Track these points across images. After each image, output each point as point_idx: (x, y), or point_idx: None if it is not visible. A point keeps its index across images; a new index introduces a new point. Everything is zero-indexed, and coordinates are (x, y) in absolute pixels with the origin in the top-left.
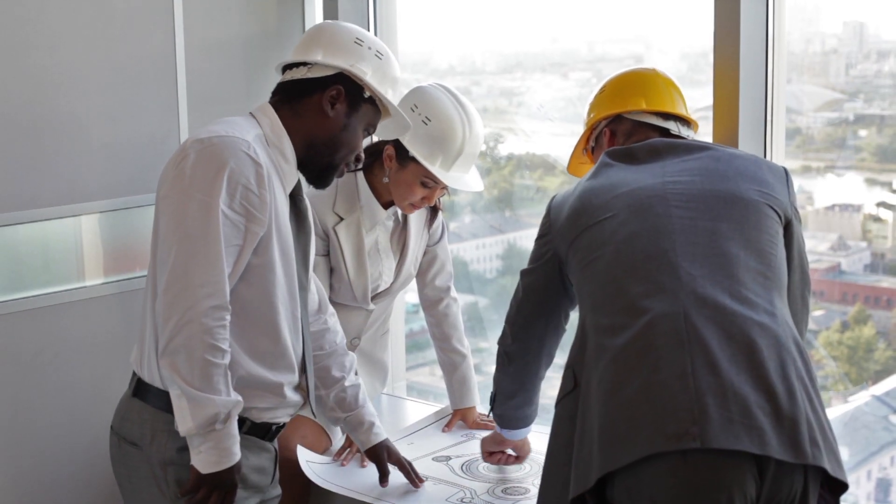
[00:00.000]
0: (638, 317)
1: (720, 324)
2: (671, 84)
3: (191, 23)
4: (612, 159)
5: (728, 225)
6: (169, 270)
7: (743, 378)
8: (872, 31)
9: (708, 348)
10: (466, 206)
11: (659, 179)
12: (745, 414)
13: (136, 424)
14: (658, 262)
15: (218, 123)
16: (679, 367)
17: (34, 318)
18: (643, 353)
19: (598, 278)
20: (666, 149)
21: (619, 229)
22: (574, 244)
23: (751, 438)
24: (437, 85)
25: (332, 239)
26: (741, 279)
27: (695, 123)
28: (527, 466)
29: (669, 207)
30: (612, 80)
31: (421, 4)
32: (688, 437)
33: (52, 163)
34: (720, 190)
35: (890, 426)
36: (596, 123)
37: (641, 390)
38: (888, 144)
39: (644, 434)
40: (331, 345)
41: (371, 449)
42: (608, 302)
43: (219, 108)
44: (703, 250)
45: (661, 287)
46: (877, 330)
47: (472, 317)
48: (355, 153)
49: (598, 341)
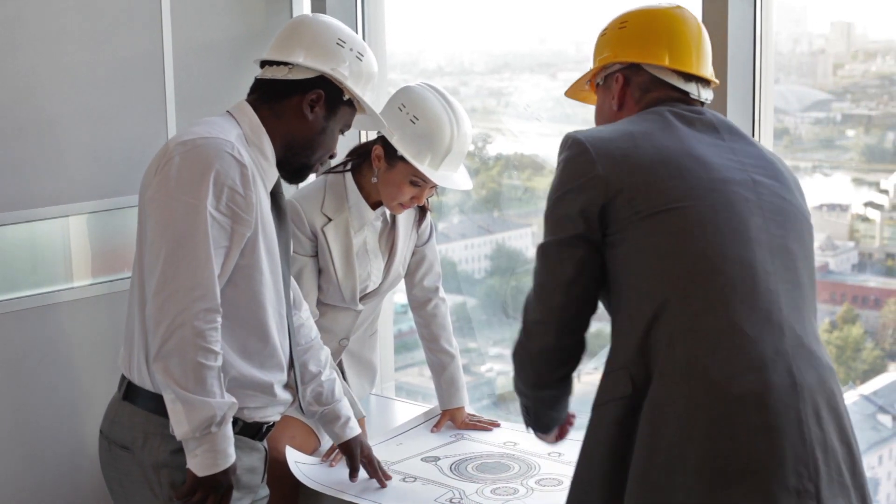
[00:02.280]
0: (746, 344)
1: (814, 368)
2: (699, 32)
3: (178, 23)
4: (676, 119)
5: (800, 248)
6: (158, 274)
7: (832, 430)
8: (860, 31)
9: (814, 397)
10: (455, 207)
11: (743, 175)
12: (839, 471)
13: (127, 428)
14: (759, 284)
15: (199, 125)
16: (795, 414)
17: (22, 318)
18: (760, 393)
19: (683, 275)
20: (721, 126)
21: (717, 227)
22: (655, 218)
23: (844, 496)
24: (425, 84)
25: (321, 240)
26: (811, 312)
27: (715, 83)
28: (515, 467)
29: (767, 221)
30: (637, 18)
31: (409, 5)
32: (806, 495)
33: (40, 163)
34: (792, 203)
35: (878, 425)
36: (609, 64)
37: (757, 432)
38: (876, 144)
39: (763, 484)
40: (307, 340)
41: (344, 444)
42: (699, 309)
43: (207, 109)
44: (790, 276)
45: (767, 317)
46: (865, 329)
47: (461, 317)
48: (330, 153)
49: (686, 351)
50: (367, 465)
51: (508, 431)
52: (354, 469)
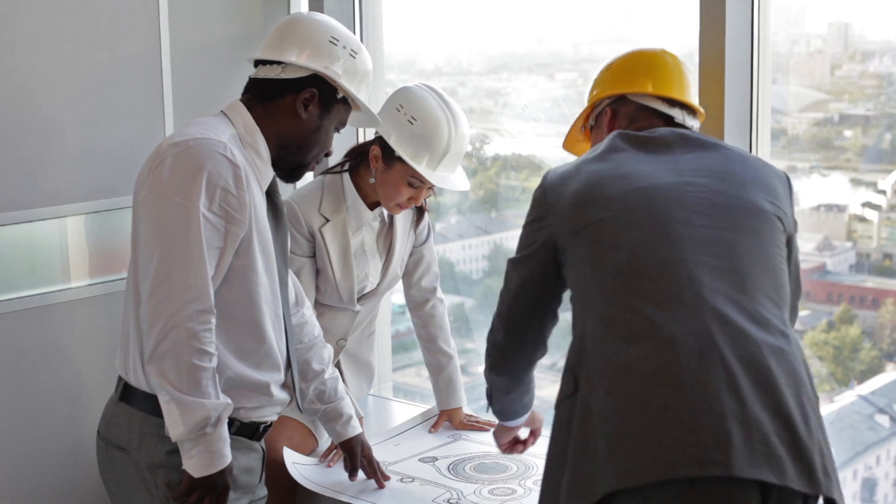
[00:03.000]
0: (657, 328)
1: (741, 346)
2: (681, 68)
3: (176, 23)
4: (624, 143)
5: (746, 238)
6: (152, 276)
7: (761, 404)
8: (857, 31)
9: (730, 371)
10: (452, 207)
11: (675, 178)
12: (765, 442)
13: (124, 429)
14: (677, 273)
15: (192, 125)
16: (701, 388)
17: (20, 319)
18: (664, 368)
19: (608, 280)
20: (677, 141)
21: (634, 230)
22: (580, 236)
23: (771, 468)
24: (423, 85)
25: (318, 240)
26: (757, 298)
27: (701, 113)
28: (513, 467)
29: (690, 214)
30: (621, 58)
31: (407, 5)
32: (710, 464)
33: (37, 164)
34: (738, 197)
35: (875, 426)
36: (598, 101)
37: (660, 407)
38: (873, 145)
39: (663, 455)
40: (310, 338)
41: (346, 442)
42: (619, 307)
43: (204, 109)
44: (723, 264)
45: (682, 301)
46: (862, 330)
47: (459, 318)
48: (326, 151)
49: (607, 347)
50: (367, 465)
51: None
52: (354, 468)
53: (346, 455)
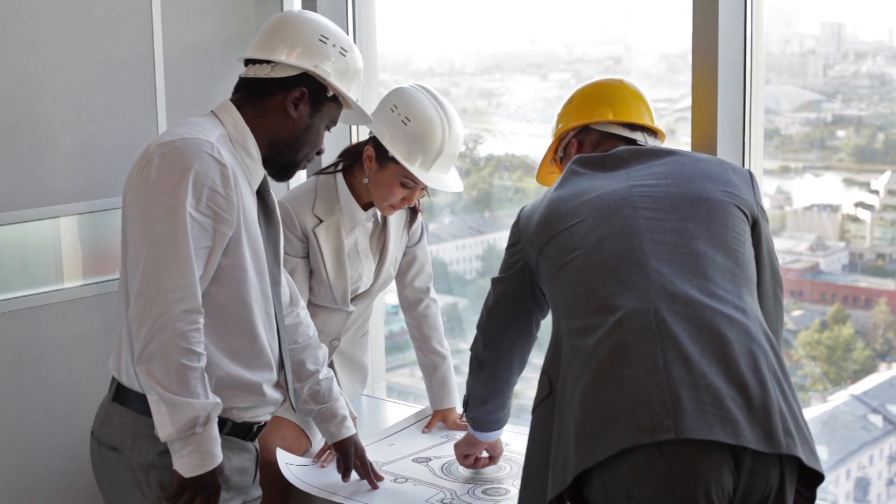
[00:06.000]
0: (608, 315)
1: (690, 318)
2: (638, 95)
3: (169, 24)
4: (580, 167)
5: (695, 224)
6: (140, 276)
7: (714, 370)
8: (850, 31)
9: (679, 342)
10: (446, 208)
11: (625, 184)
12: (718, 405)
13: (117, 429)
14: (627, 262)
15: (181, 125)
16: (650, 361)
17: (12, 320)
18: (615, 350)
19: (570, 283)
20: (632, 156)
21: (588, 234)
22: (544, 251)
23: (724, 429)
24: (417, 86)
25: (312, 241)
26: (710, 276)
27: (661, 134)
28: (507, 467)
29: (636, 209)
30: (580, 91)
31: (400, 6)
32: (662, 429)
33: (30, 165)
34: (686, 191)
35: (869, 425)
36: (564, 134)
37: (614, 387)
38: (866, 145)
39: (619, 429)
40: (304, 338)
41: (340, 442)
42: (580, 304)
43: (197, 110)
44: (671, 249)
45: (630, 285)
46: (855, 329)
47: (452, 318)
48: (317, 149)
49: (571, 344)
50: (360, 465)
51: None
52: (348, 469)
53: (340, 456)
